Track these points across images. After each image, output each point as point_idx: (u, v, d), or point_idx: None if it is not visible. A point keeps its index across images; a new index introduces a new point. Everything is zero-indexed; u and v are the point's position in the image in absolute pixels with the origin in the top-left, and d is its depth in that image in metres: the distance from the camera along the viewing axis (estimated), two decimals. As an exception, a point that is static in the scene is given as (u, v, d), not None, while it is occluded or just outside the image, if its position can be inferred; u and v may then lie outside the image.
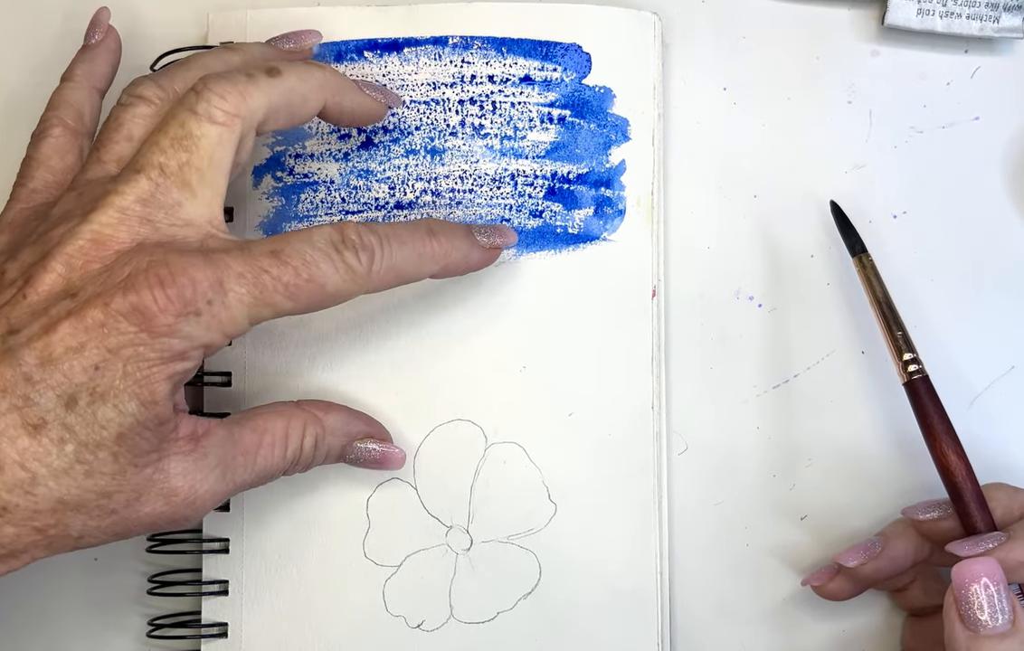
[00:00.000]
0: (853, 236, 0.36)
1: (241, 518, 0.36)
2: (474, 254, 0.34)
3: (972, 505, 0.34)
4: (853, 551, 0.35)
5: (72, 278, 0.28)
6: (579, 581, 0.36)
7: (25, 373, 0.27)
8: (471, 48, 0.37)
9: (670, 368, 0.38)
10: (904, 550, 0.35)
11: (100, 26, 0.36)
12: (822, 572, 0.37)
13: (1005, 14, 0.38)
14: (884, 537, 0.36)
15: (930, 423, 0.34)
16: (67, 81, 0.35)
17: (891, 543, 0.35)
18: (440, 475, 0.36)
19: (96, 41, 0.35)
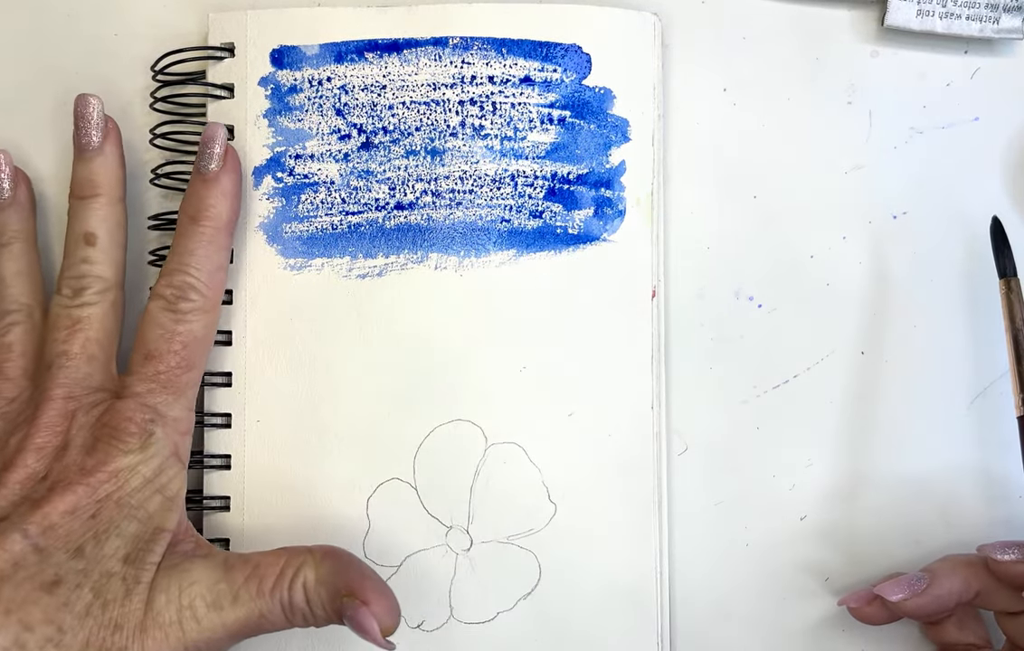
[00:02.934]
0: (1008, 257, 0.35)
1: (241, 518, 0.36)
2: (225, 185, 0.35)
3: None
4: (897, 584, 0.35)
5: (38, 467, 0.32)
6: (579, 581, 0.37)
7: (32, 544, 0.30)
8: (471, 49, 0.37)
9: (670, 368, 0.38)
10: (950, 589, 0.35)
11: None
12: (860, 596, 0.36)
13: (1005, 15, 0.38)
14: (931, 573, 0.35)
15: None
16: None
17: (937, 581, 0.35)
18: (440, 475, 0.36)
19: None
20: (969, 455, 0.38)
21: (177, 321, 0.34)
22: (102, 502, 0.31)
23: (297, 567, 0.32)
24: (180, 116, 0.38)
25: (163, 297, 0.34)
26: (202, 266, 0.34)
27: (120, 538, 0.31)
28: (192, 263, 0.34)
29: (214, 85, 0.37)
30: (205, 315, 0.34)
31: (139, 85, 0.38)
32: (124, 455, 0.32)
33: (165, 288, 0.34)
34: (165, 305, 0.34)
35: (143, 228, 0.38)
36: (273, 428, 0.36)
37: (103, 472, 0.31)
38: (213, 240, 0.35)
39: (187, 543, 0.33)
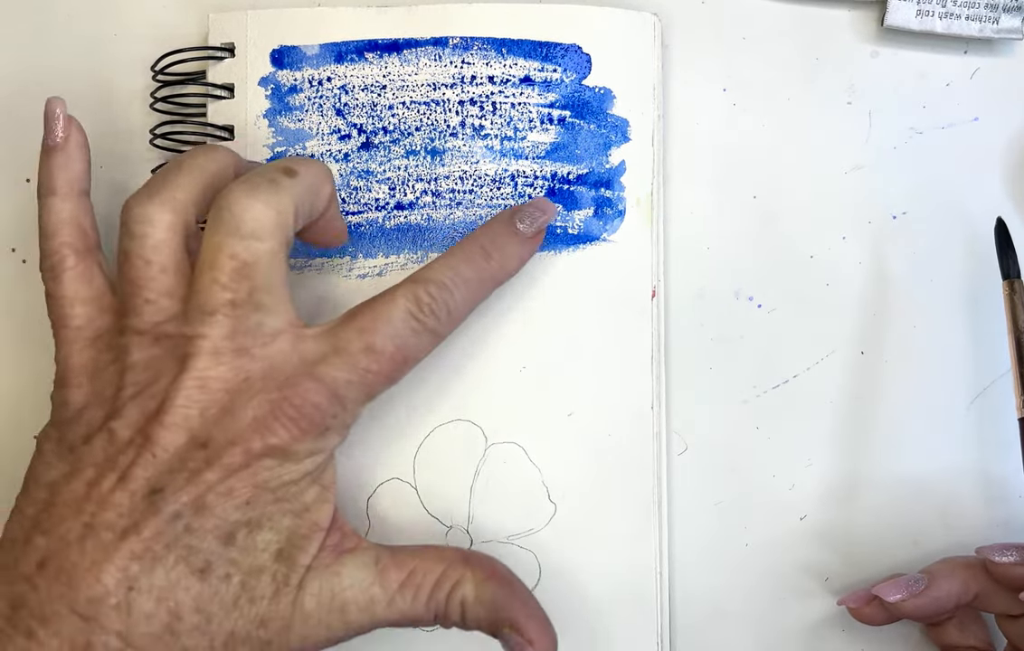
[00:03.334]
0: (1012, 259, 0.35)
1: (241, 518, 0.36)
2: (525, 251, 0.34)
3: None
4: (895, 585, 0.35)
5: (193, 429, 0.29)
6: (579, 581, 0.37)
7: (185, 525, 0.28)
8: (471, 49, 0.37)
9: (670, 368, 0.38)
10: (948, 591, 0.35)
11: (59, 121, 0.32)
12: (859, 596, 0.36)
13: (1004, 15, 0.38)
14: (930, 575, 0.35)
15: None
16: (52, 196, 0.32)
17: (936, 582, 0.35)
18: (440, 475, 0.36)
19: (62, 139, 0.32)
20: (969, 456, 0.38)
21: (415, 333, 0.31)
22: (259, 488, 0.29)
23: (456, 581, 0.31)
24: (180, 116, 0.38)
25: (417, 300, 0.31)
26: (467, 297, 0.32)
27: (273, 532, 0.29)
28: (461, 288, 0.32)
29: (214, 85, 0.37)
30: (437, 342, 0.32)
31: (139, 85, 0.38)
32: (297, 442, 0.29)
33: (423, 293, 0.31)
34: (415, 310, 0.31)
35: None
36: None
37: (270, 458, 0.29)
38: (486, 283, 0.33)
39: (334, 535, 0.31)
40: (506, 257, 0.33)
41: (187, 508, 0.28)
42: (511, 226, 0.34)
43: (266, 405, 0.29)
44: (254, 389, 0.29)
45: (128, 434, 0.29)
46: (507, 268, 0.34)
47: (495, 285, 0.34)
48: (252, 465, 0.29)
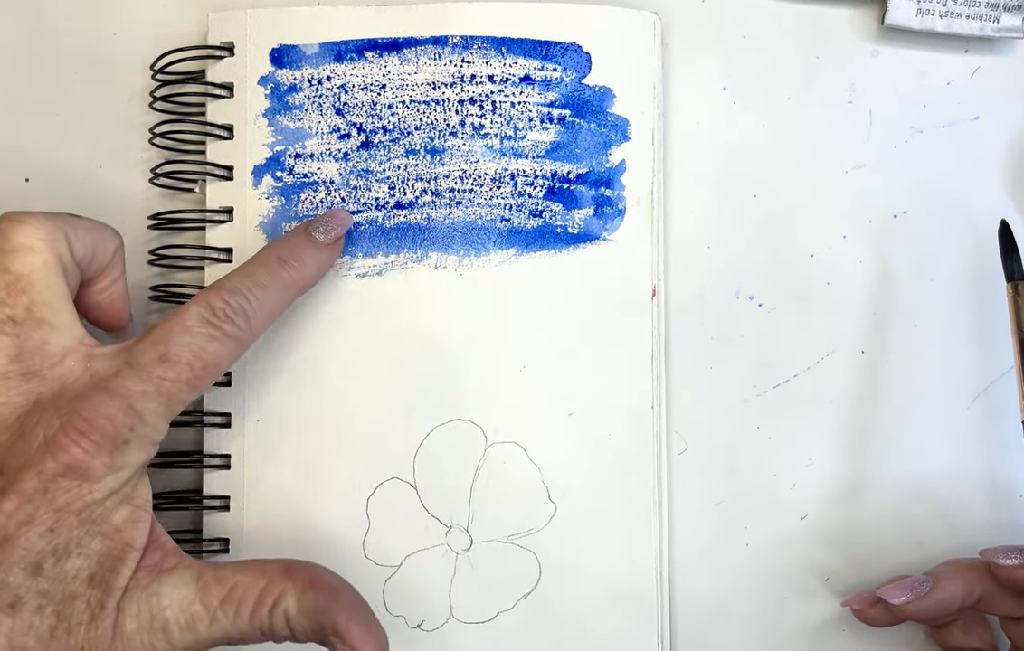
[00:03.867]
0: (1016, 261, 0.35)
1: (241, 518, 0.36)
2: (323, 258, 0.35)
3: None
4: (899, 587, 0.35)
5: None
6: (579, 581, 0.36)
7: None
8: (471, 48, 0.37)
9: (670, 368, 0.38)
10: (953, 593, 0.35)
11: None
12: (863, 597, 0.36)
13: (1005, 14, 0.38)
14: (934, 577, 0.35)
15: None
16: None
17: (940, 584, 0.35)
18: (440, 475, 0.36)
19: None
20: (970, 456, 0.38)
21: (212, 338, 0.30)
22: (61, 513, 0.28)
23: (277, 595, 0.30)
24: (180, 115, 0.38)
25: (210, 306, 0.31)
26: (264, 303, 0.32)
27: (83, 557, 0.28)
28: (258, 294, 0.32)
29: (214, 84, 0.37)
30: (239, 347, 0.31)
31: (139, 85, 0.38)
32: (92, 457, 0.28)
33: (216, 299, 0.31)
34: (209, 316, 0.31)
35: (143, 228, 0.38)
36: (273, 428, 0.36)
37: (66, 478, 0.28)
38: (286, 289, 0.33)
39: (154, 554, 0.30)
40: (304, 264, 0.34)
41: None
42: (307, 235, 0.34)
43: (56, 422, 0.28)
44: (45, 410, 0.28)
45: None
46: (305, 275, 0.34)
47: (296, 292, 0.34)
48: (49, 488, 0.28)
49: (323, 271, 0.35)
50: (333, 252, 0.35)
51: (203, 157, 0.37)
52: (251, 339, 0.32)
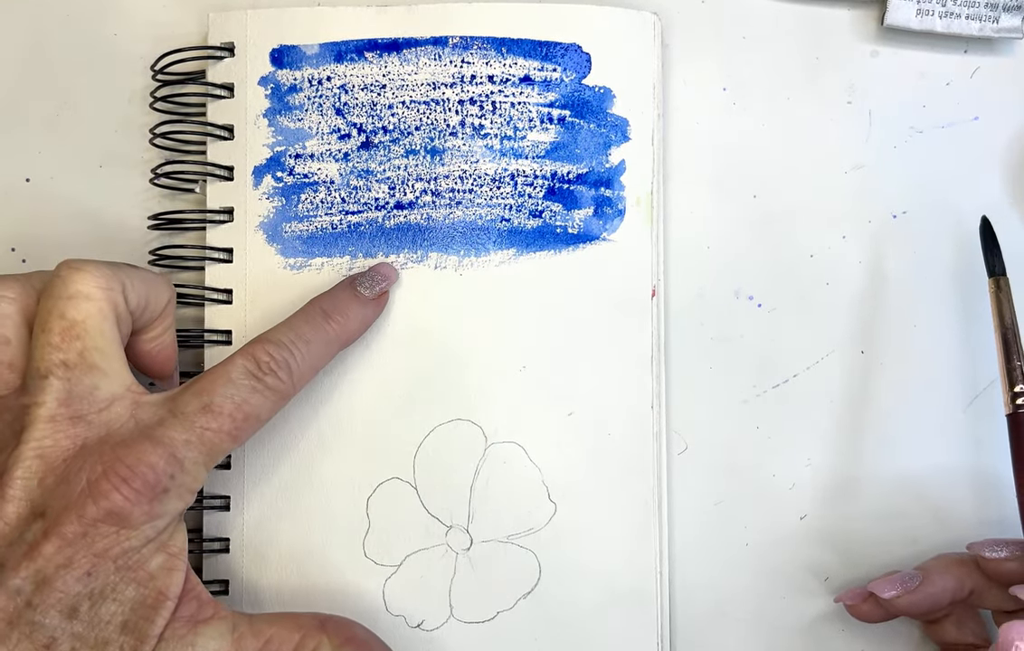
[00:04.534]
0: (997, 256, 0.36)
1: (241, 517, 0.36)
2: (368, 313, 0.35)
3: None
4: (889, 582, 0.35)
5: (33, 499, 0.28)
6: (579, 581, 0.36)
7: (26, 600, 0.27)
8: (471, 48, 0.37)
9: (670, 368, 0.38)
10: (943, 587, 0.35)
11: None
12: (855, 593, 0.36)
13: (1004, 14, 0.38)
14: (924, 571, 0.35)
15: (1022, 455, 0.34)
16: None
17: (930, 579, 0.35)
18: (440, 475, 0.36)
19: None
20: (968, 456, 0.38)
21: (255, 391, 0.31)
22: (99, 558, 0.28)
23: (313, 648, 0.31)
24: (180, 116, 0.38)
25: (255, 359, 0.31)
26: (308, 357, 0.32)
27: (117, 603, 0.28)
28: (301, 348, 0.32)
29: (214, 85, 0.37)
30: (281, 400, 0.32)
31: (139, 85, 0.38)
32: (133, 505, 0.28)
33: (261, 352, 0.31)
34: (253, 369, 0.31)
35: (143, 228, 0.38)
36: (273, 428, 0.36)
37: (105, 524, 0.28)
38: (330, 344, 0.34)
39: (190, 605, 0.30)
40: (348, 319, 0.34)
41: (27, 582, 0.27)
42: (352, 290, 0.35)
43: (99, 468, 0.28)
44: (89, 454, 0.29)
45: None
46: (349, 329, 0.34)
47: (340, 346, 0.34)
48: (89, 533, 0.28)
49: (367, 325, 0.36)
50: (378, 307, 0.36)
51: (203, 157, 0.37)
52: (293, 392, 0.32)
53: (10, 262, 0.38)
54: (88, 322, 0.30)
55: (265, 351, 0.31)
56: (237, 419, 0.30)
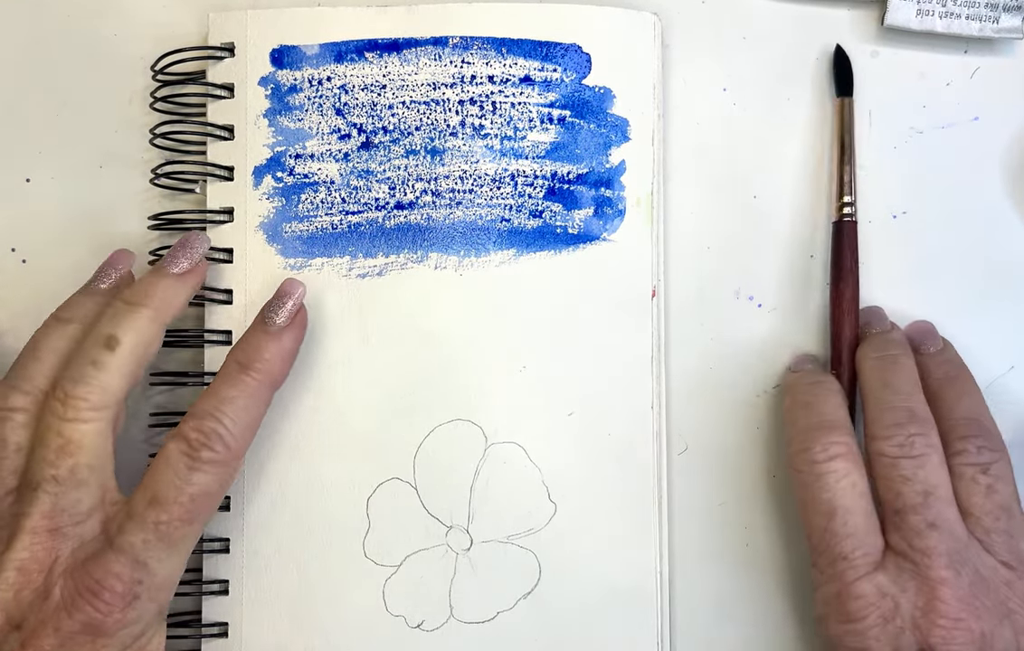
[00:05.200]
0: (848, 79, 0.38)
1: (241, 518, 0.36)
2: (286, 346, 0.34)
3: (845, 353, 0.37)
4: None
5: (10, 611, 0.29)
6: (579, 581, 0.36)
7: None
8: (471, 48, 0.37)
9: (670, 368, 0.38)
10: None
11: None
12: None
13: (1004, 14, 0.38)
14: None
15: (842, 263, 0.37)
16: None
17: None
18: (440, 475, 0.36)
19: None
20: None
21: (193, 469, 0.31)
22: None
23: None
24: (180, 116, 0.38)
25: (186, 439, 0.31)
26: (238, 418, 0.32)
27: None
28: (228, 412, 0.32)
29: (214, 85, 0.37)
30: (225, 469, 0.32)
31: (139, 85, 0.38)
32: (106, 616, 0.29)
33: (191, 430, 0.31)
34: (186, 449, 0.31)
35: (143, 228, 0.38)
36: (273, 427, 0.36)
37: (82, 635, 0.29)
38: (257, 394, 0.33)
39: None
40: (266, 362, 0.33)
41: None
42: (263, 329, 0.34)
43: (71, 583, 0.30)
44: (64, 568, 0.30)
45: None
46: (271, 372, 0.33)
47: (269, 391, 0.33)
48: (66, 644, 0.29)
49: (290, 358, 0.34)
50: (295, 333, 0.34)
51: (204, 157, 0.37)
52: (237, 458, 0.32)
53: (10, 262, 0.38)
54: (84, 440, 0.31)
55: (193, 428, 0.31)
56: (185, 504, 0.31)
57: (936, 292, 0.39)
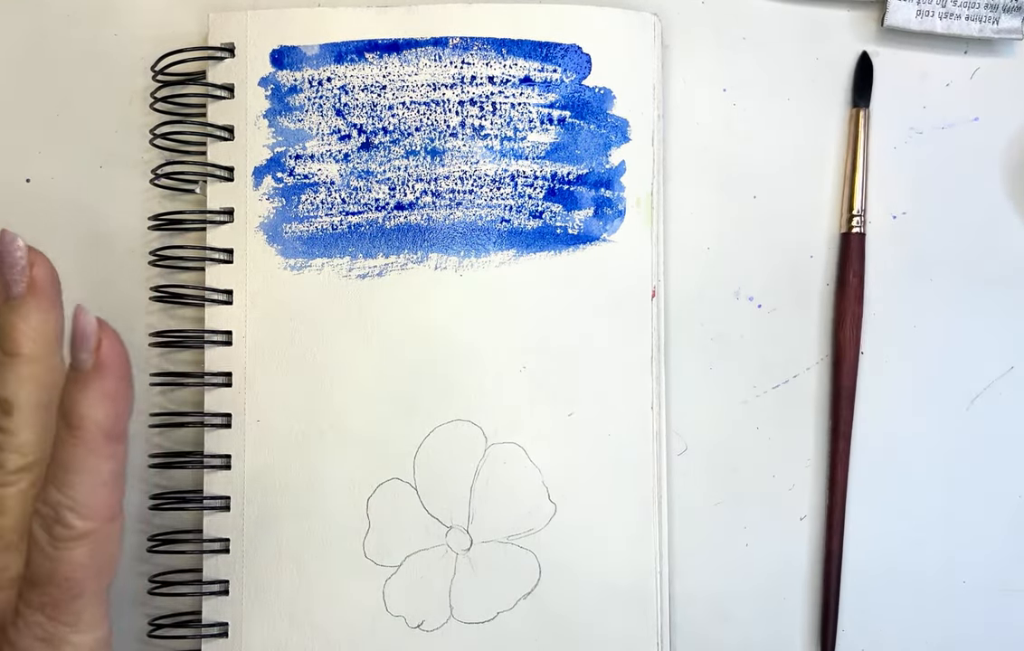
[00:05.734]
0: (868, 90, 0.38)
1: (241, 518, 0.36)
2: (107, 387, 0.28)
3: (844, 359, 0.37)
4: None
5: None
6: (579, 581, 0.37)
7: None
8: (471, 49, 0.37)
9: (670, 368, 0.38)
10: None
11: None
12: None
13: (1004, 15, 0.38)
14: None
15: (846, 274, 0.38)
16: None
17: None
18: (440, 475, 0.36)
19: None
20: (970, 455, 0.38)
21: (56, 548, 0.28)
22: None
23: None
24: (180, 116, 0.38)
25: (40, 515, 0.28)
26: (79, 483, 0.28)
27: None
28: (66, 480, 0.28)
29: (214, 85, 0.37)
30: (89, 540, 0.28)
31: (139, 85, 0.38)
32: None
33: (41, 505, 0.28)
34: (42, 524, 0.28)
35: (143, 229, 0.38)
36: (273, 428, 0.36)
37: None
38: (92, 453, 0.28)
39: None
40: (84, 417, 0.28)
41: None
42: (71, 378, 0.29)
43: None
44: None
45: None
46: (93, 427, 0.28)
47: (104, 444, 0.28)
48: None
49: (115, 401, 0.28)
50: (106, 376, 0.28)
51: (204, 158, 0.37)
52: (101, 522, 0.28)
53: (10, 262, 0.38)
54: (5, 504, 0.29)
55: (43, 501, 0.28)
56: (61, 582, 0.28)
57: (936, 292, 0.39)
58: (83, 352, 0.28)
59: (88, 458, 0.28)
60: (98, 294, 0.38)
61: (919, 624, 0.38)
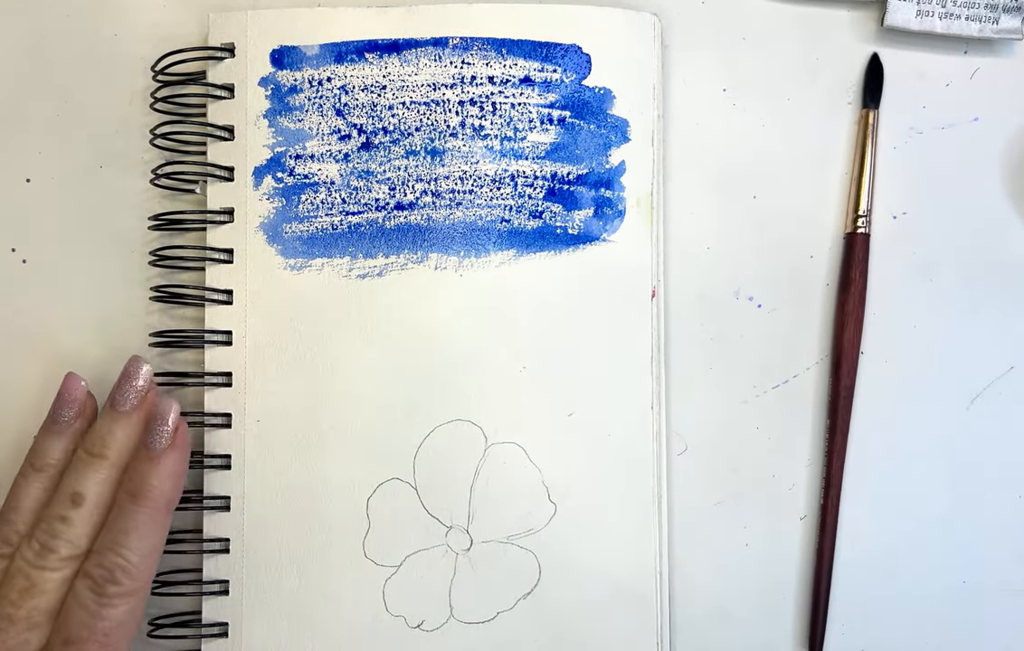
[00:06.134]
0: (878, 92, 0.38)
1: (241, 518, 0.36)
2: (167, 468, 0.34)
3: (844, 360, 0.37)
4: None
5: None
6: (579, 581, 0.37)
7: None
8: (471, 49, 0.37)
9: (670, 368, 0.38)
10: None
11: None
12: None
13: (1004, 15, 0.38)
14: None
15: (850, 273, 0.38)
16: None
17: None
18: (440, 475, 0.36)
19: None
20: (970, 455, 0.38)
21: (101, 605, 0.32)
22: None
23: None
24: (180, 116, 0.38)
25: (91, 577, 0.32)
26: (136, 548, 0.32)
27: None
28: (126, 544, 0.32)
29: (214, 85, 0.37)
30: (131, 599, 0.32)
31: (139, 85, 0.38)
32: None
33: (95, 567, 0.32)
34: (92, 586, 0.32)
35: (143, 229, 0.38)
36: (273, 428, 0.36)
37: None
38: (152, 520, 0.33)
39: None
40: (154, 488, 0.33)
41: None
42: (147, 455, 0.34)
43: None
44: None
45: None
46: (163, 495, 0.33)
47: (164, 514, 0.33)
48: None
49: (180, 476, 0.34)
50: (179, 451, 0.34)
51: (204, 158, 0.37)
52: (144, 584, 0.33)
53: (10, 262, 0.38)
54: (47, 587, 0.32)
55: (96, 564, 0.32)
56: (99, 637, 0.32)
57: (936, 292, 0.39)
58: (162, 437, 0.33)
59: (149, 525, 0.33)
60: (98, 294, 0.38)
61: (918, 624, 0.38)
